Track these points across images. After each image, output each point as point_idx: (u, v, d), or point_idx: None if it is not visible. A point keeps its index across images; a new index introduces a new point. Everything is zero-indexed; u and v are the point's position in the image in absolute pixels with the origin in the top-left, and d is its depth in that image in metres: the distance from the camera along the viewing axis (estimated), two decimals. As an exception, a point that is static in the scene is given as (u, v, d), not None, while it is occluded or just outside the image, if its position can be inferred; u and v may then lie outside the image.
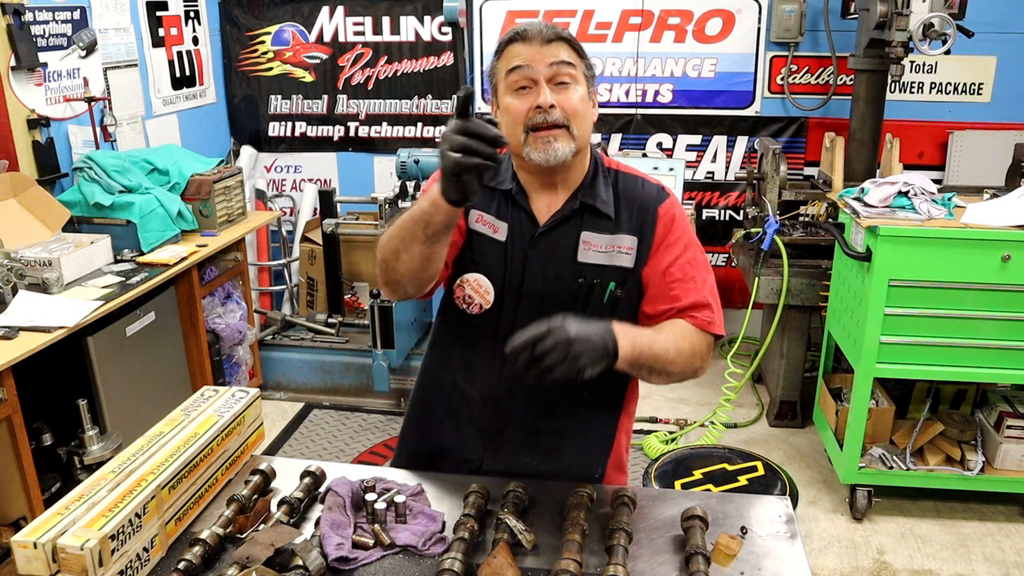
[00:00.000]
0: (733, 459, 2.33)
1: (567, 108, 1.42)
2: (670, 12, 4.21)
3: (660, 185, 1.57)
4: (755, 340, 4.15)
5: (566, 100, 1.42)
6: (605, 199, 1.52)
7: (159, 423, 1.53)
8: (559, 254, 1.51)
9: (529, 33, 1.43)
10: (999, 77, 4.06)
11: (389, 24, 4.45)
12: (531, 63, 1.42)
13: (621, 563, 1.25)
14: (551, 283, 1.51)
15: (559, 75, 1.42)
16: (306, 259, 4.37)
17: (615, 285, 1.51)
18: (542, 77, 1.42)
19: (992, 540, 2.93)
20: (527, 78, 1.43)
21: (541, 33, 1.43)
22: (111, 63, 3.62)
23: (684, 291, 1.51)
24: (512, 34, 1.46)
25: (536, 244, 1.51)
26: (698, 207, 4.44)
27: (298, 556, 1.26)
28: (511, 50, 1.45)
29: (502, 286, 1.53)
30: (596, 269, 1.51)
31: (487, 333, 1.55)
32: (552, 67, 1.42)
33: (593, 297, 1.51)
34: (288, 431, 3.73)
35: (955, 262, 2.69)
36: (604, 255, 1.51)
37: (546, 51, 1.42)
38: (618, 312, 1.51)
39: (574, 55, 1.45)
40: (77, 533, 1.19)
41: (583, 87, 1.46)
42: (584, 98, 1.46)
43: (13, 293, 2.63)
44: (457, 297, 1.56)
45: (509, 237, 1.53)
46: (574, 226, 1.51)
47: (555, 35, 1.43)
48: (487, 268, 1.53)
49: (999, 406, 3.01)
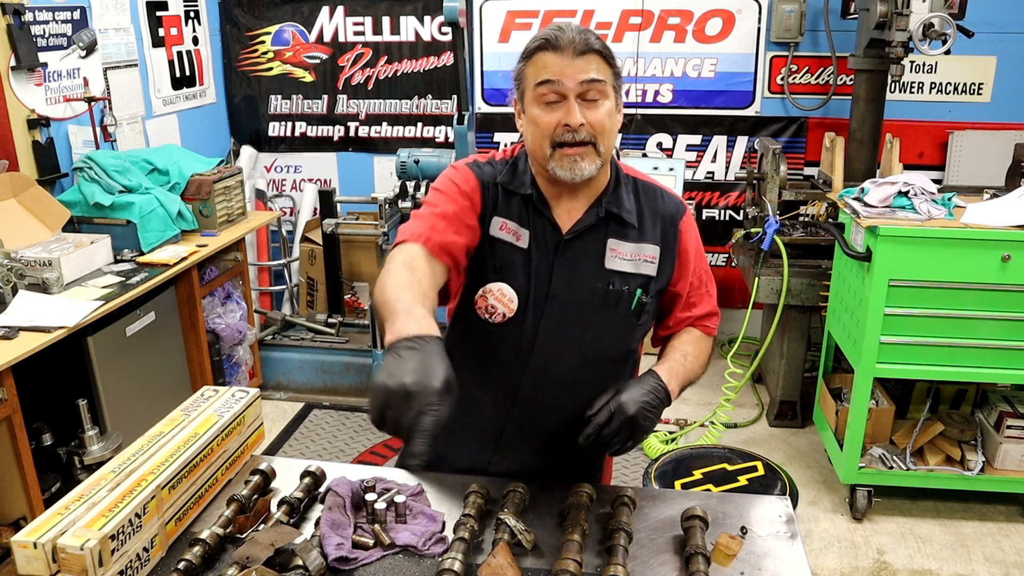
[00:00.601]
0: (733, 459, 2.33)
1: (595, 125, 1.40)
2: (670, 12, 4.21)
3: (678, 198, 1.60)
4: (755, 340, 4.15)
5: (594, 117, 1.40)
6: (629, 208, 1.52)
7: (159, 423, 1.53)
8: (587, 261, 1.51)
9: (561, 42, 1.38)
10: (999, 77, 4.06)
11: (389, 24, 4.45)
12: (561, 78, 1.38)
13: (621, 563, 1.25)
14: (578, 290, 1.50)
15: (589, 91, 1.39)
16: (306, 259, 4.37)
17: (641, 292, 1.53)
18: (572, 94, 1.39)
19: (992, 540, 2.93)
20: (556, 92, 1.39)
21: (573, 43, 1.38)
22: (111, 63, 3.62)
23: (699, 299, 1.61)
24: (542, 40, 1.41)
25: (562, 251, 1.50)
26: (698, 207, 4.44)
27: (298, 556, 1.26)
28: (541, 59, 1.41)
29: (526, 294, 1.50)
30: (624, 276, 1.51)
31: (508, 341, 1.53)
32: (582, 84, 1.38)
33: (621, 304, 1.52)
34: (288, 431, 3.73)
35: (955, 262, 2.69)
36: (630, 263, 1.52)
37: (577, 65, 1.38)
38: (642, 319, 1.56)
39: (605, 67, 1.41)
40: (77, 533, 1.19)
41: (611, 100, 1.43)
42: (612, 112, 1.43)
43: (13, 293, 2.63)
44: (479, 307, 1.52)
45: (532, 244, 1.50)
46: (600, 233, 1.51)
47: (587, 47, 1.38)
48: (510, 276, 1.51)
49: (999, 406, 3.01)
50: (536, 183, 1.51)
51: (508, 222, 1.50)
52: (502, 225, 1.50)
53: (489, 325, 1.52)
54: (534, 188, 1.51)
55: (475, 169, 1.54)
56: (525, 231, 1.50)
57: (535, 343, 1.51)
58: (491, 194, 1.51)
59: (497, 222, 1.50)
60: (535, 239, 1.50)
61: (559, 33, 1.40)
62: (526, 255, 1.50)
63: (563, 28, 1.41)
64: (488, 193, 1.51)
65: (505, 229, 1.50)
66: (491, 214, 1.51)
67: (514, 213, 1.51)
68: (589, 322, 1.51)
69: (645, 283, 1.53)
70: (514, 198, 1.51)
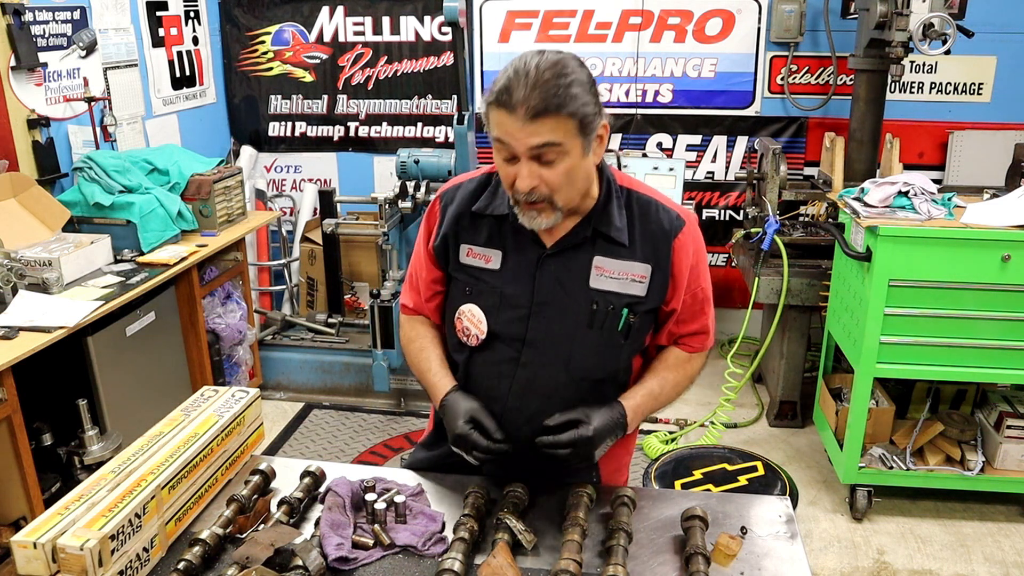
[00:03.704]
0: (733, 459, 2.33)
1: (550, 184, 1.35)
2: (670, 12, 4.20)
3: (677, 212, 1.51)
4: (755, 340, 4.15)
5: (549, 176, 1.34)
6: (619, 226, 1.47)
7: (159, 423, 1.53)
8: (570, 279, 1.48)
9: (514, 100, 1.29)
10: (999, 77, 4.05)
11: (389, 24, 4.45)
12: (512, 142, 1.32)
13: (621, 563, 1.25)
14: (562, 307, 1.48)
15: (543, 155, 1.33)
16: (306, 259, 4.37)
17: (628, 312, 1.48)
18: (524, 157, 1.33)
19: (992, 540, 2.93)
20: (510, 152, 1.35)
21: (526, 105, 1.28)
22: (111, 63, 3.62)
23: (691, 317, 1.57)
24: (496, 96, 1.32)
25: (543, 266, 1.48)
26: (698, 207, 4.44)
27: (298, 556, 1.26)
28: (495, 114, 1.33)
29: (496, 312, 1.50)
30: (609, 296, 1.47)
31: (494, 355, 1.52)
32: (534, 149, 1.32)
33: (607, 323, 1.48)
34: (288, 431, 3.73)
35: (955, 262, 2.69)
36: (617, 282, 1.47)
37: (529, 129, 1.30)
38: (630, 339, 1.51)
39: (564, 124, 1.30)
40: (77, 533, 1.19)
41: (574, 155, 1.34)
42: (572, 168, 1.35)
43: (13, 293, 2.63)
44: (458, 330, 1.54)
45: (505, 263, 1.50)
46: (587, 251, 1.48)
47: (539, 110, 1.28)
48: (482, 298, 1.51)
49: (999, 406, 3.01)
50: None
51: (473, 247, 1.52)
52: (468, 252, 1.53)
53: (465, 347, 1.54)
54: (512, 207, 1.45)
55: (444, 203, 1.57)
56: (496, 252, 1.51)
57: (520, 359, 1.50)
58: (455, 227, 1.53)
59: (463, 250, 1.53)
60: (511, 257, 1.50)
61: (514, 87, 1.30)
62: (497, 275, 1.50)
63: (519, 79, 1.30)
64: (452, 228, 1.53)
65: (471, 255, 1.53)
66: (458, 244, 1.53)
67: (482, 237, 1.52)
68: (575, 339, 1.49)
69: (633, 303, 1.48)
70: (485, 220, 1.52)
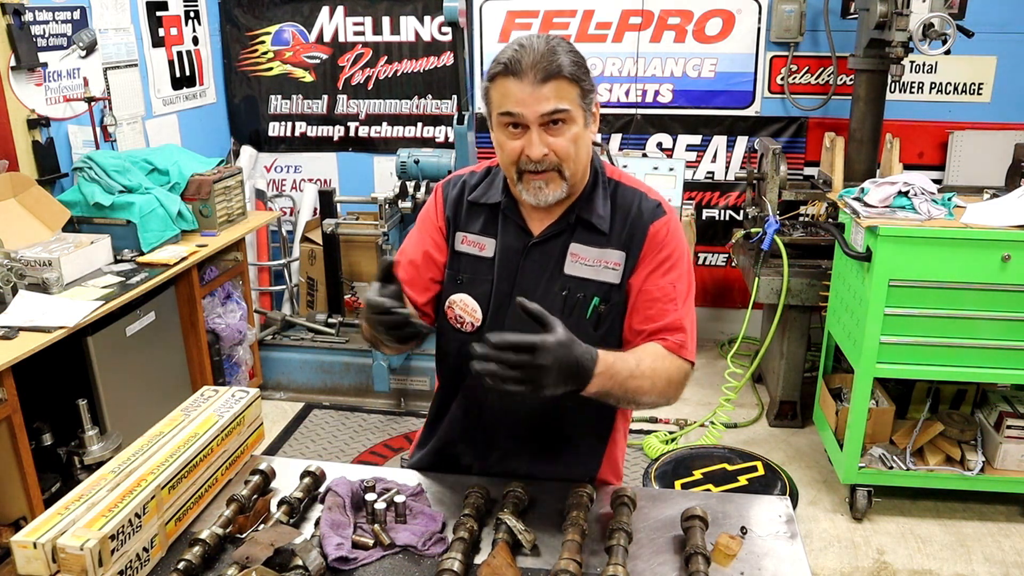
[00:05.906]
0: (733, 459, 2.33)
1: (559, 152, 1.38)
2: (670, 12, 4.20)
3: (660, 202, 1.51)
4: (755, 340, 4.15)
5: (558, 144, 1.38)
6: (602, 214, 1.49)
7: (159, 423, 1.53)
8: (548, 265, 1.50)
9: (522, 67, 1.34)
10: (999, 77, 4.05)
11: (389, 24, 4.45)
12: (522, 109, 1.36)
13: (621, 563, 1.25)
14: (540, 295, 1.48)
15: (553, 119, 1.37)
16: (306, 259, 4.37)
17: (599, 301, 1.49)
18: (534, 125, 1.37)
19: (992, 540, 2.93)
20: (518, 123, 1.38)
21: (535, 69, 1.33)
22: (111, 63, 3.62)
23: (661, 312, 1.46)
24: (503, 65, 1.37)
25: (529, 254, 1.51)
26: (698, 207, 4.44)
27: (298, 556, 1.26)
28: (502, 85, 1.38)
29: (489, 300, 1.52)
30: (581, 283, 1.49)
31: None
32: (544, 116, 1.36)
33: (576, 311, 1.49)
34: (288, 431, 3.73)
35: (955, 262, 2.69)
36: (591, 268, 1.49)
37: (539, 94, 1.34)
38: (602, 329, 1.49)
39: (571, 89, 1.36)
40: (77, 533, 1.19)
41: (579, 122, 1.39)
42: (578, 135, 1.39)
43: (13, 293, 2.63)
44: (449, 318, 1.57)
45: (497, 252, 1.53)
46: (565, 238, 1.50)
47: (549, 73, 1.33)
48: (474, 287, 1.54)
49: (999, 406, 3.01)
50: (509, 191, 1.52)
51: (469, 235, 1.56)
52: (463, 239, 1.56)
53: (460, 334, 1.56)
54: (506, 195, 1.52)
55: (447, 189, 1.60)
56: (490, 240, 1.54)
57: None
58: (455, 212, 1.57)
59: (460, 236, 1.56)
60: (503, 245, 1.52)
61: (521, 55, 1.35)
62: (490, 264, 1.53)
63: (525, 48, 1.36)
64: (452, 211, 1.57)
65: (467, 243, 1.56)
66: (455, 230, 1.56)
67: (478, 225, 1.55)
68: None
69: (605, 291, 1.48)
70: (481, 209, 1.55)
